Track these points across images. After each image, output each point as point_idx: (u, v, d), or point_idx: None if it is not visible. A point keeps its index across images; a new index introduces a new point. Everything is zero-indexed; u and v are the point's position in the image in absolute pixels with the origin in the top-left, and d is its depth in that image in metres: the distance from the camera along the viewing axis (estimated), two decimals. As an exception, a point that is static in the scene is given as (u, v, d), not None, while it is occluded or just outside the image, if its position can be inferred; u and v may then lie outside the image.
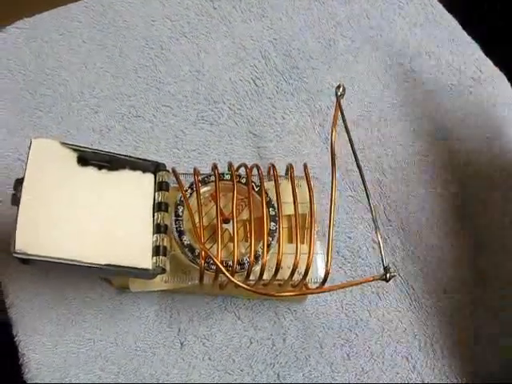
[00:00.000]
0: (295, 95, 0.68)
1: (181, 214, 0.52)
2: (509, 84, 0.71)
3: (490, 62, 0.72)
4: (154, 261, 0.49)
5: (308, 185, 0.52)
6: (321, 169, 0.63)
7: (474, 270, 0.61)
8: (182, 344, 0.55)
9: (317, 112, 0.67)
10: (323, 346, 0.56)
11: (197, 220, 0.50)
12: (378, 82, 0.70)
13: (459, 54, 0.72)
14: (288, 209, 0.52)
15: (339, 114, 0.54)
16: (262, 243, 0.50)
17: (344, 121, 0.53)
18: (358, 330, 0.57)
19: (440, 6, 0.76)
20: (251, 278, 0.50)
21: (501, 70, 0.72)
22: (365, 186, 0.51)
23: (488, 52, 0.73)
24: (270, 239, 0.51)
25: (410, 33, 0.73)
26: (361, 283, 0.54)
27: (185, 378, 0.55)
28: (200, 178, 0.53)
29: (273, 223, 0.52)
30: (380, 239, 0.50)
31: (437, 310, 0.58)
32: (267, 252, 0.50)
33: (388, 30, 0.73)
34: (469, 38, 0.74)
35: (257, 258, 0.50)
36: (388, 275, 0.48)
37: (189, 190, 0.53)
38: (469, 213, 0.63)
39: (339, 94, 0.55)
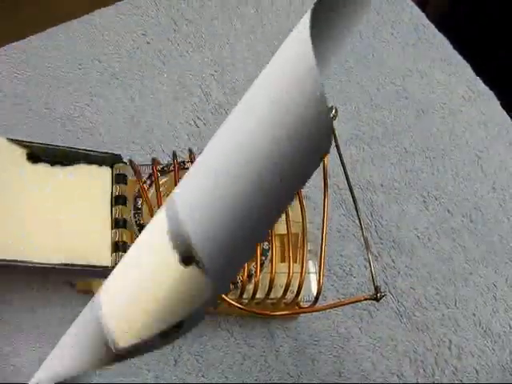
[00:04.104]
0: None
1: (140, 206, 0.50)
2: (498, 103, 0.72)
3: (480, 82, 0.73)
4: (114, 257, 0.48)
5: (300, 204, 0.53)
6: (314, 187, 0.63)
7: (466, 287, 0.61)
8: (176, 361, 0.55)
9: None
10: (315, 362, 0.57)
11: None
12: (370, 101, 0.71)
13: (450, 74, 0.73)
14: (281, 228, 0.53)
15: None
16: (254, 262, 0.50)
17: (336, 143, 0.53)
18: (350, 347, 0.58)
19: (432, 26, 0.76)
20: (244, 296, 0.51)
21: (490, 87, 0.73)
22: (356, 207, 0.52)
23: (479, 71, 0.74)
24: (263, 258, 0.51)
25: (402, 52, 0.74)
26: (352, 303, 0.55)
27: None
28: (159, 167, 0.52)
29: (266, 242, 0.52)
30: (371, 259, 0.50)
31: (427, 327, 0.59)
32: (260, 271, 0.50)
33: (380, 50, 0.74)
34: (460, 58, 0.74)
35: (250, 276, 0.51)
36: (379, 295, 0.49)
37: (148, 182, 0.51)
38: (460, 231, 0.64)
39: (331, 115, 0.55)
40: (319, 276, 0.50)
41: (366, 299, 0.49)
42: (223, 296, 0.48)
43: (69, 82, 0.64)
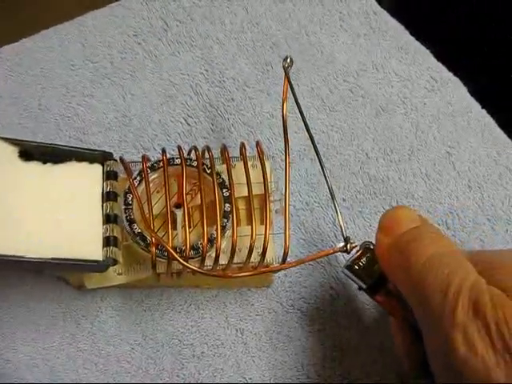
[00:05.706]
0: (233, 131, 0.64)
1: (130, 202, 0.51)
2: (466, 90, 0.66)
3: (443, 69, 0.67)
4: (105, 252, 0.49)
5: (261, 161, 0.52)
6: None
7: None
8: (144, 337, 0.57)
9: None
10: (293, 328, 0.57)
11: (147, 207, 0.50)
12: (323, 105, 0.65)
13: (409, 63, 0.67)
14: (246, 190, 0.52)
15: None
16: (215, 226, 0.49)
17: (294, 96, 0.53)
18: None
19: (384, 13, 0.69)
20: (210, 263, 0.50)
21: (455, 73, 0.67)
22: (317, 154, 0.53)
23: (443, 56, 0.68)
24: (225, 221, 0.51)
25: (353, 46, 0.68)
26: (320, 257, 0.54)
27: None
28: (149, 164, 0.53)
29: (227, 204, 0.51)
30: (338, 209, 0.50)
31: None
32: (222, 234, 0.50)
33: (329, 46, 0.68)
34: (418, 44, 0.68)
35: (212, 241, 0.50)
36: (348, 246, 0.49)
37: (138, 178, 0.52)
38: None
39: (286, 65, 0.54)
40: (285, 235, 0.49)
41: (335, 251, 0.49)
42: (180, 260, 0.47)
43: (62, 82, 0.65)
